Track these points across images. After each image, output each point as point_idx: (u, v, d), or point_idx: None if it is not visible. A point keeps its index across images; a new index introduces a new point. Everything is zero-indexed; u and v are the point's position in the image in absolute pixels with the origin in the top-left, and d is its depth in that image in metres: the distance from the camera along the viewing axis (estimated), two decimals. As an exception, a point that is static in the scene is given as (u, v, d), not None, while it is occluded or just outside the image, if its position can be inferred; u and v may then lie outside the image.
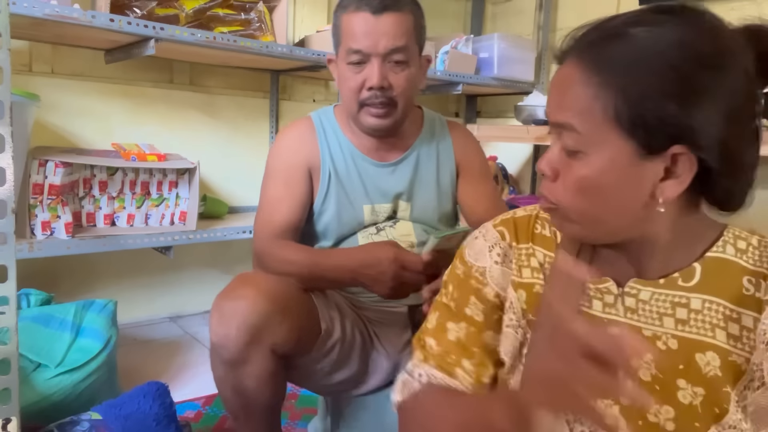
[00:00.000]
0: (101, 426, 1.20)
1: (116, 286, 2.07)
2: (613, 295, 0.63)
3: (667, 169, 0.55)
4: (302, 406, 1.58)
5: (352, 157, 1.18)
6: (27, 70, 1.82)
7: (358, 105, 1.11)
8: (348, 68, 1.10)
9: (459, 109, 3.02)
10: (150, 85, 2.07)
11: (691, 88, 0.52)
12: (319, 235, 1.21)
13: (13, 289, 0.88)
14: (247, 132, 2.31)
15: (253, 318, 0.95)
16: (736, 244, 0.61)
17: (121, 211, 1.72)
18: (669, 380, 0.59)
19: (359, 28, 1.07)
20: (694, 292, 0.60)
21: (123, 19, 1.53)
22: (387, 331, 1.19)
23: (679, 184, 0.55)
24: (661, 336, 0.60)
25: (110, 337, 1.48)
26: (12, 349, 0.88)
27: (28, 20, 1.44)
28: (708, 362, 0.58)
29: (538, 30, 2.59)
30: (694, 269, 0.61)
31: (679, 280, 0.61)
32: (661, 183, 0.56)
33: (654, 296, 0.61)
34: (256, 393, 1.01)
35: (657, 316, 0.61)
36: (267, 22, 1.91)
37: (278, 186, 1.16)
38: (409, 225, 1.21)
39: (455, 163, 1.25)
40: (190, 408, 1.55)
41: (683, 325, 0.60)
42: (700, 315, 0.59)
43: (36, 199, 1.49)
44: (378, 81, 1.07)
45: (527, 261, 0.69)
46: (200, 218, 1.93)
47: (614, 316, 0.63)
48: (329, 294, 1.17)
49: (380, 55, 1.07)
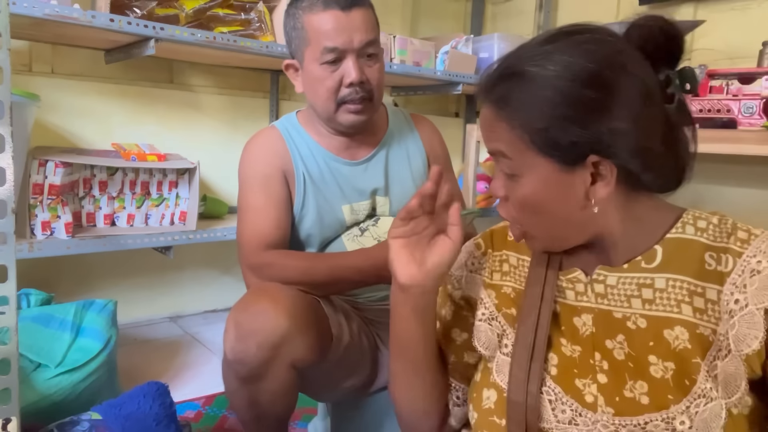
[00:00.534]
0: (101, 426, 1.20)
1: (116, 286, 2.07)
2: (582, 283, 0.68)
3: (592, 174, 0.61)
4: (302, 406, 1.58)
5: (324, 159, 1.18)
6: (27, 70, 1.82)
7: (336, 104, 1.10)
8: (322, 68, 1.09)
9: (459, 109, 3.02)
10: (150, 85, 2.07)
11: (584, 108, 0.58)
12: (303, 242, 1.19)
13: (13, 289, 0.87)
14: (247, 132, 2.28)
15: (275, 336, 0.93)
16: (696, 224, 0.65)
17: (121, 211, 1.72)
18: (641, 357, 0.63)
19: (331, 26, 1.06)
20: (657, 272, 0.64)
21: (123, 19, 1.53)
22: (388, 331, 1.19)
23: (606, 185, 0.61)
24: (630, 317, 0.65)
25: (110, 337, 1.48)
26: (12, 349, 0.88)
27: (28, 20, 1.44)
28: (677, 336, 0.62)
29: (538, 30, 2.59)
30: (656, 251, 0.64)
31: (642, 263, 0.65)
32: (591, 187, 0.61)
33: (620, 280, 0.66)
34: (269, 406, 1.00)
35: (625, 298, 0.65)
36: (267, 22, 1.92)
37: (258, 195, 1.14)
38: (391, 220, 1.20)
39: (426, 154, 1.27)
40: (190, 408, 1.55)
41: (650, 304, 0.64)
42: (665, 293, 0.63)
43: (36, 199, 1.49)
44: (357, 76, 1.07)
45: (499, 266, 0.76)
46: (200, 218, 1.93)
47: (585, 302, 0.68)
48: (333, 299, 1.15)
49: (355, 50, 1.08)
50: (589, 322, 0.67)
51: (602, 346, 0.65)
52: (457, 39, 2.37)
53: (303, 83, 1.16)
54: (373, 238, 1.19)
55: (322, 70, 1.09)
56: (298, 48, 1.12)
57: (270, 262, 1.09)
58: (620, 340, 0.64)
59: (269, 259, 1.09)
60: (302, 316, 0.98)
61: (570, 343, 0.67)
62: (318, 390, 1.15)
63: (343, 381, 1.12)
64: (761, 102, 1.17)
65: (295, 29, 1.11)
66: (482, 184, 2.41)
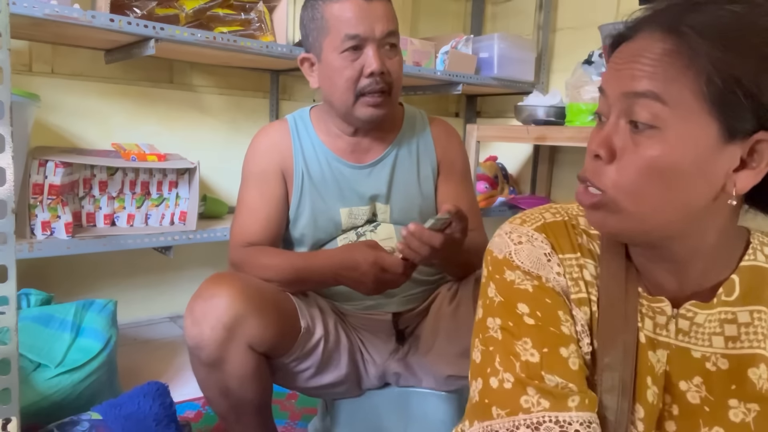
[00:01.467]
0: (101, 426, 1.20)
1: (116, 286, 2.07)
2: (666, 316, 0.59)
3: (742, 159, 0.51)
4: (302, 406, 1.58)
5: (327, 159, 1.16)
6: (27, 70, 1.82)
7: (354, 96, 1.07)
8: (342, 58, 1.06)
9: (459, 109, 3.02)
10: (150, 85, 2.07)
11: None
12: (296, 241, 1.19)
13: (13, 289, 0.87)
14: (247, 132, 2.31)
15: (227, 316, 0.94)
16: (764, 251, 0.59)
17: (121, 211, 1.72)
18: (720, 401, 0.56)
19: (353, 13, 1.04)
20: (739, 305, 0.57)
21: (123, 19, 1.53)
22: (372, 339, 1.18)
23: (756, 175, 0.51)
24: (710, 357, 0.57)
25: (110, 337, 1.48)
26: (12, 349, 0.88)
27: (28, 20, 1.44)
28: (760, 375, 0.56)
29: (538, 30, 2.59)
30: (734, 281, 0.58)
31: (723, 295, 0.57)
32: (734, 173, 0.52)
33: (708, 318, 0.58)
34: (241, 392, 1.00)
35: (707, 336, 0.58)
36: (267, 22, 1.91)
37: (254, 192, 1.15)
38: (391, 228, 1.19)
39: (436, 161, 1.22)
40: (190, 408, 1.55)
41: (734, 342, 0.57)
42: (750, 327, 0.57)
43: (36, 199, 1.49)
44: (378, 65, 1.05)
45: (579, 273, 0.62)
46: (200, 218, 1.93)
47: (664, 337, 0.59)
48: (311, 295, 1.16)
49: (377, 39, 1.05)
50: (664, 358, 0.59)
51: (675, 388, 0.58)
52: (457, 39, 2.37)
53: (320, 76, 1.12)
54: None
55: (341, 60, 1.06)
56: (316, 39, 1.10)
57: (245, 259, 1.11)
58: (697, 383, 0.57)
59: (245, 257, 1.11)
60: (257, 299, 0.98)
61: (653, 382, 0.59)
62: (290, 381, 1.13)
63: (320, 375, 1.11)
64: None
65: (314, 20, 1.09)
66: (482, 184, 2.41)
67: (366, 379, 1.17)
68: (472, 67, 2.39)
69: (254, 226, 1.13)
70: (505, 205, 2.47)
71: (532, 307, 0.59)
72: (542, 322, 0.58)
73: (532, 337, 0.57)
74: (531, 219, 0.64)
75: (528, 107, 2.16)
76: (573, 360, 0.57)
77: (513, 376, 0.56)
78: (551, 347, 0.57)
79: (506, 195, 2.55)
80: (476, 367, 0.60)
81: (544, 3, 2.55)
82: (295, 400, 1.61)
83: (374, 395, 1.19)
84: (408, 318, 1.20)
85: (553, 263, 0.61)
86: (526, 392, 0.55)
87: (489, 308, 0.61)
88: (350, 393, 1.18)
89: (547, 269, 0.60)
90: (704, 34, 0.49)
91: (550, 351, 0.57)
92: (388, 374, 1.17)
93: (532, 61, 2.54)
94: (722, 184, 0.52)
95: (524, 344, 0.57)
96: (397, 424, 1.16)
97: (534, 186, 2.69)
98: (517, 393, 0.56)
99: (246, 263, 1.10)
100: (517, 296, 0.60)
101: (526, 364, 0.56)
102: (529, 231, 0.62)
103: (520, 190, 2.73)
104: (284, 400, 1.60)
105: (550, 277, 0.60)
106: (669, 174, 0.51)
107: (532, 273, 0.60)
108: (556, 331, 0.58)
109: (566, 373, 0.56)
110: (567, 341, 0.57)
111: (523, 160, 2.75)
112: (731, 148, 0.51)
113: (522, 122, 2.19)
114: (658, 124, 0.51)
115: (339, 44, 1.06)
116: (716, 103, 0.49)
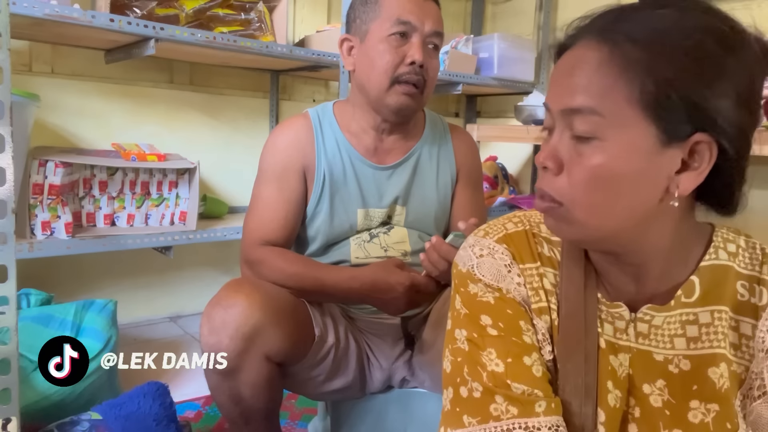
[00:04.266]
0: (101, 426, 1.20)
1: (116, 286, 2.07)
2: (624, 320, 0.60)
3: (683, 161, 0.52)
4: (302, 406, 1.58)
5: (350, 158, 1.15)
6: (27, 70, 1.82)
7: (390, 81, 1.07)
8: (388, 41, 1.07)
9: (459, 109, 3.02)
10: (150, 85, 2.07)
11: (716, 69, 0.50)
12: (309, 239, 1.18)
13: (13, 289, 0.88)
14: (247, 132, 2.31)
15: (246, 327, 0.93)
16: (727, 248, 0.59)
17: (121, 211, 1.72)
18: (681, 403, 0.56)
19: (408, 3, 1.07)
20: (700, 306, 0.57)
21: (123, 19, 1.53)
22: (380, 343, 1.17)
23: (697, 175, 0.52)
24: (672, 359, 0.58)
25: (110, 337, 1.48)
26: (12, 349, 0.88)
27: (28, 20, 1.44)
28: (721, 374, 0.56)
29: (538, 30, 2.59)
30: (693, 282, 0.58)
31: (682, 297, 0.58)
32: (676, 175, 0.53)
33: (666, 320, 0.58)
34: (253, 400, 1.00)
35: (668, 338, 0.58)
36: (267, 22, 1.91)
37: (272, 188, 1.13)
38: (404, 231, 1.18)
39: (456, 169, 1.22)
40: (190, 408, 1.55)
41: (695, 342, 0.57)
42: (711, 327, 0.57)
43: (36, 199, 1.49)
44: (420, 57, 1.06)
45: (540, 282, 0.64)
46: (200, 218, 1.93)
47: (625, 341, 0.60)
48: (323, 302, 1.15)
49: (424, 33, 1.08)
50: (626, 362, 0.60)
51: (638, 391, 0.59)
52: (457, 39, 2.37)
53: (358, 59, 1.12)
54: (381, 246, 1.16)
55: (387, 43, 1.07)
56: (364, 22, 1.10)
57: (263, 259, 1.09)
58: (660, 386, 0.58)
59: (263, 257, 1.09)
60: (276, 309, 0.98)
61: (614, 386, 0.59)
62: (300, 387, 1.13)
63: (327, 382, 1.11)
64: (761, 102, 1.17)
65: (367, 4, 1.10)
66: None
67: (371, 383, 1.16)
68: (472, 67, 2.39)
69: (271, 225, 1.12)
70: (505, 205, 2.47)
71: (494, 318, 0.61)
72: (505, 333, 0.60)
73: (496, 348, 0.59)
74: (493, 231, 0.66)
75: (528, 107, 2.16)
76: (536, 367, 0.59)
77: (481, 386, 0.58)
78: (514, 357, 0.59)
79: (506, 195, 2.55)
80: (447, 377, 0.62)
81: (544, 3, 2.55)
82: (295, 400, 1.61)
83: (375, 395, 1.19)
84: (416, 321, 1.19)
85: (513, 274, 0.63)
86: (494, 400, 0.57)
87: (456, 320, 0.63)
88: (353, 396, 1.18)
89: (507, 281, 0.62)
90: (636, 40, 0.51)
91: (513, 360, 0.59)
92: (394, 379, 1.17)
93: (532, 61, 2.54)
94: (666, 186, 0.53)
95: (489, 355, 0.59)
96: (398, 424, 1.16)
97: (534, 186, 2.69)
98: (486, 401, 0.58)
99: (263, 264, 1.08)
100: (480, 308, 0.62)
101: (493, 374, 0.58)
102: (490, 243, 0.65)
103: (520, 190, 2.73)
104: (284, 400, 1.60)
105: (510, 288, 0.62)
106: (614, 181, 0.53)
107: (493, 285, 0.62)
108: (518, 340, 0.60)
109: (531, 381, 0.58)
110: (529, 350, 0.59)
111: (523, 160, 2.75)
112: (671, 151, 0.52)
113: (522, 122, 2.19)
114: (597, 135, 0.52)
115: (388, 27, 1.07)
116: (651, 109, 0.50)
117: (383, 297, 1.02)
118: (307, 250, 1.19)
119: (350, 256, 1.15)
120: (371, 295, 1.03)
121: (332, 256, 1.17)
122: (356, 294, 1.05)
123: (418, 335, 1.20)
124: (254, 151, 2.28)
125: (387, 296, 1.02)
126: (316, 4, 2.44)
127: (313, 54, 1.91)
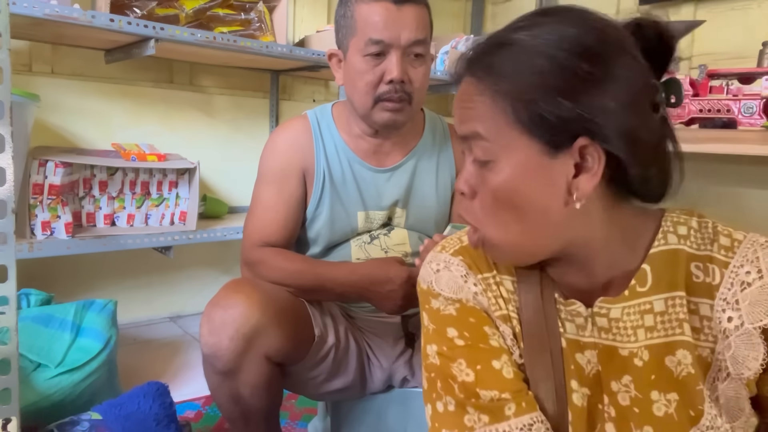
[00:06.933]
0: (101, 426, 1.20)
1: (116, 286, 2.07)
2: (582, 317, 0.60)
3: (577, 165, 0.55)
4: (302, 406, 1.58)
5: (349, 161, 1.14)
6: (27, 70, 1.82)
7: (373, 100, 1.06)
8: (364, 61, 1.04)
9: (459, 109, 3.03)
10: (150, 85, 2.07)
11: (578, 80, 0.52)
12: (310, 242, 1.18)
13: (13, 289, 0.88)
14: (247, 132, 2.31)
15: (246, 327, 0.93)
16: (677, 231, 0.59)
17: (121, 211, 1.72)
18: (645, 398, 0.56)
19: (381, 18, 1.02)
20: (654, 294, 0.57)
21: (123, 19, 1.53)
22: (380, 342, 1.17)
23: (592, 176, 0.54)
24: (636, 352, 0.57)
25: (110, 337, 1.48)
26: (12, 349, 0.88)
27: (28, 20, 1.44)
28: (679, 362, 0.56)
29: (538, 30, 2.59)
30: (645, 271, 0.58)
31: (637, 286, 0.58)
32: (574, 180, 0.55)
33: (625, 311, 0.58)
34: (253, 400, 1.00)
35: (631, 331, 0.58)
36: (267, 22, 1.92)
37: (271, 190, 1.13)
38: (404, 233, 1.18)
39: (455, 169, 1.21)
40: (190, 408, 1.55)
41: (651, 332, 0.57)
42: (666, 315, 0.57)
43: (36, 199, 1.49)
44: (399, 74, 1.02)
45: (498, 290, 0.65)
46: (200, 218, 1.93)
47: (588, 338, 0.60)
48: (323, 302, 1.15)
49: (401, 47, 1.03)
50: (594, 359, 0.60)
51: (608, 389, 0.59)
52: (457, 39, 2.37)
53: (344, 75, 1.11)
54: (381, 248, 1.16)
55: (364, 63, 1.04)
56: (345, 37, 1.08)
57: (263, 259, 1.09)
58: (626, 382, 0.58)
59: (262, 257, 1.09)
60: (276, 309, 0.98)
61: (579, 385, 0.60)
62: (300, 388, 1.13)
63: (327, 383, 1.11)
64: (761, 102, 1.16)
65: (345, 17, 1.07)
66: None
67: (371, 383, 1.17)
68: (472, 67, 2.39)
69: (271, 226, 1.12)
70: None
71: (459, 329, 0.62)
72: (472, 341, 0.61)
73: (465, 357, 0.61)
74: (450, 245, 0.68)
75: (528, 107, 2.15)
76: (507, 369, 0.60)
77: (454, 399, 0.60)
78: (484, 363, 0.60)
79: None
80: (425, 394, 0.65)
81: (544, 3, 2.55)
82: (295, 400, 1.61)
83: (375, 395, 1.19)
84: (416, 320, 1.19)
85: (470, 284, 0.64)
86: (467, 412, 0.59)
87: (426, 336, 0.65)
88: (354, 396, 1.18)
89: (465, 291, 0.63)
90: (500, 71, 0.55)
91: (483, 366, 0.60)
92: (395, 378, 1.17)
93: (532, 61, 2.54)
94: (567, 190, 0.55)
95: (459, 365, 0.61)
96: (397, 424, 1.16)
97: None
98: (459, 414, 0.59)
99: (263, 264, 1.09)
100: (445, 322, 0.63)
101: (463, 384, 0.60)
102: (446, 257, 0.66)
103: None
104: (284, 400, 1.60)
105: (469, 297, 0.63)
106: (516, 199, 0.56)
107: (453, 298, 0.64)
108: (485, 346, 0.61)
109: (501, 384, 0.59)
110: (498, 353, 0.61)
111: (523, 160, 2.75)
112: (561, 159, 0.54)
113: (522, 122, 2.19)
114: (491, 157, 0.56)
115: (363, 47, 1.04)
116: (528, 126, 0.54)
117: (381, 290, 1.02)
118: (309, 252, 1.19)
119: (351, 258, 1.15)
120: (370, 288, 1.03)
121: (333, 257, 1.17)
122: (355, 287, 1.04)
123: (419, 334, 1.20)
124: (254, 151, 2.28)
125: (384, 289, 1.02)
126: (316, 4, 2.44)
127: (313, 54, 1.91)
